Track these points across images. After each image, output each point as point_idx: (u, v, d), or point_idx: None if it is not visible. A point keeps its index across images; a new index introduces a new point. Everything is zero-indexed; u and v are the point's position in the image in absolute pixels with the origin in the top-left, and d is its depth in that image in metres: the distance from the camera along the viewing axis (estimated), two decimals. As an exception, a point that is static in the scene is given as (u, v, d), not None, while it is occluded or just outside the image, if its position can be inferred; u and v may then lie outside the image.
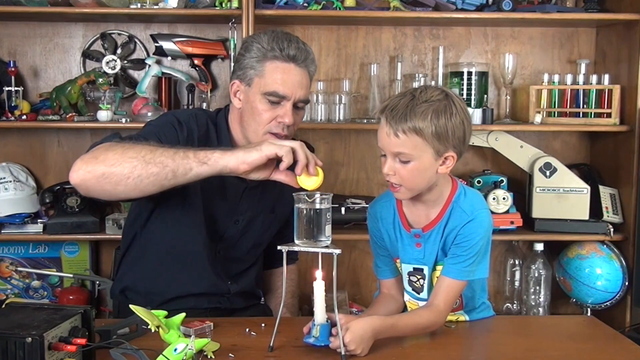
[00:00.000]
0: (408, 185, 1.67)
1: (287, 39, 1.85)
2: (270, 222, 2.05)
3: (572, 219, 2.84)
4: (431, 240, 1.74)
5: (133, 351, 1.44)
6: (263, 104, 1.84)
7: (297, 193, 1.58)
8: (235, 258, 2.02)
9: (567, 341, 1.75)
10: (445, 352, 1.63)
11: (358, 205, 2.80)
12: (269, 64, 1.84)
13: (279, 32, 1.89)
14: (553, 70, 3.03)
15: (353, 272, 3.06)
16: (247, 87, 1.87)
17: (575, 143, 3.13)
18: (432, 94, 1.64)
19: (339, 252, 1.52)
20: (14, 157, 2.98)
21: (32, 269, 2.94)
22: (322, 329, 1.56)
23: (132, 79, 2.99)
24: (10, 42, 2.97)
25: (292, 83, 1.84)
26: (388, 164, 1.66)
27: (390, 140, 1.63)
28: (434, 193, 1.72)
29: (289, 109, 1.84)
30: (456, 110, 1.64)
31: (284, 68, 1.84)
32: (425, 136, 1.61)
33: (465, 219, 1.69)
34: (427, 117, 1.60)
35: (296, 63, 1.84)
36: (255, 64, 1.85)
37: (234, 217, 1.99)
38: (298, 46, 1.85)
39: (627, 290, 2.81)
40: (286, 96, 1.84)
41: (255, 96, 1.85)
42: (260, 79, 1.84)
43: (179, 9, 2.71)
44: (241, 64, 1.89)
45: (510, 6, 2.76)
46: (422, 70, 3.05)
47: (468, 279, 1.72)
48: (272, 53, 1.83)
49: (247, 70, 1.87)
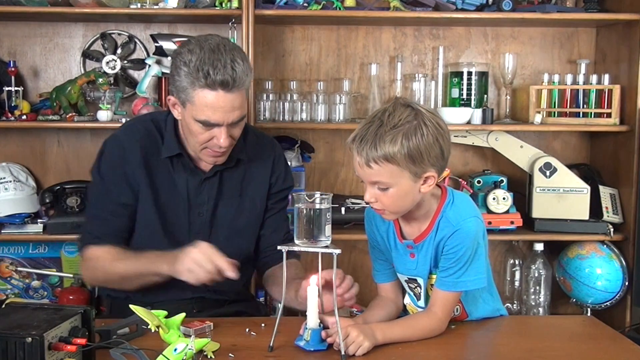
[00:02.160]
0: (391, 210, 1.65)
1: (212, 62, 1.76)
2: (240, 205, 2.03)
3: (572, 219, 2.84)
4: (424, 250, 1.72)
5: (133, 351, 1.43)
6: (197, 126, 1.84)
7: (297, 193, 1.58)
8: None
9: (567, 341, 1.74)
10: (445, 352, 1.63)
11: (358, 205, 2.80)
12: (198, 92, 1.78)
13: (207, 49, 1.77)
14: (553, 70, 3.03)
15: (353, 272, 3.00)
16: (182, 107, 1.87)
17: (575, 143, 3.13)
18: (400, 117, 1.56)
19: (339, 252, 1.52)
20: (14, 157, 2.98)
21: (32, 269, 2.94)
22: (314, 333, 1.57)
23: (132, 79, 2.99)
24: (10, 42, 2.97)
25: (222, 111, 1.80)
26: (368, 191, 1.62)
27: (365, 171, 1.59)
28: (421, 209, 1.69)
29: (223, 133, 1.84)
30: (427, 130, 1.56)
31: (212, 97, 1.78)
32: (399, 162, 1.55)
33: (451, 230, 1.66)
34: (397, 142, 1.54)
35: (225, 90, 1.77)
36: (185, 88, 1.80)
37: (195, 209, 2.00)
38: (225, 70, 1.76)
39: (627, 290, 2.82)
40: (217, 123, 1.82)
41: (189, 119, 1.85)
42: (192, 105, 1.81)
43: (179, 9, 2.71)
44: (174, 83, 1.85)
45: (510, 6, 2.76)
46: (422, 70, 3.05)
47: (460, 289, 1.70)
48: (198, 82, 1.77)
49: (180, 93, 1.83)
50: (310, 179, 3.04)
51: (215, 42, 1.81)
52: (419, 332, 1.66)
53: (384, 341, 1.60)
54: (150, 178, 1.96)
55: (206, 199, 2.00)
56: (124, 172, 1.95)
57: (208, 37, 1.83)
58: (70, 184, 2.88)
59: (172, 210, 1.98)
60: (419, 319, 1.72)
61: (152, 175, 1.96)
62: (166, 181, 1.97)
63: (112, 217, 1.96)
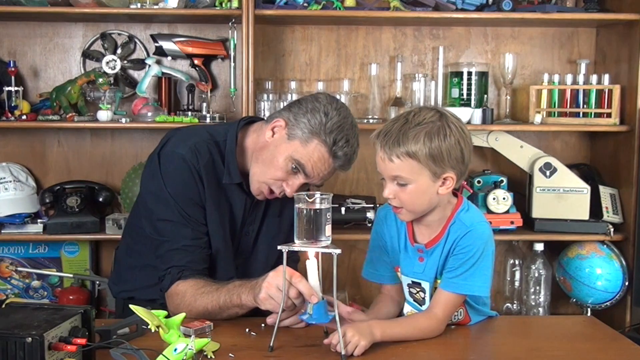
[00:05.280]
0: (409, 208, 1.68)
1: (346, 137, 1.82)
2: (279, 224, 2.05)
3: (572, 219, 2.84)
4: (434, 256, 1.73)
5: (133, 351, 1.44)
6: (285, 163, 1.84)
7: (297, 193, 1.59)
8: (254, 270, 2.00)
9: (567, 341, 1.74)
10: (445, 352, 1.63)
11: (358, 205, 2.80)
12: (317, 142, 1.81)
13: (350, 122, 1.85)
14: (553, 70, 3.03)
15: (353, 272, 3.05)
16: (287, 138, 1.85)
17: (575, 143, 3.13)
18: (425, 116, 1.64)
19: (338, 252, 1.52)
20: (14, 157, 2.98)
21: (32, 269, 2.94)
22: (316, 307, 1.57)
23: (132, 79, 2.99)
24: (10, 42, 2.97)
25: (320, 171, 1.84)
26: (387, 187, 1.67)
27: (386, 165, 1.64)
28: (435, 214, 1.72)
29: (298, 184, 1.85)
30: (450, 131, 1.63)
31: (324, 157, 1.82)
32: (420, 159, 1.61)
33: (464, 230, 1.69)
34: (419, 140, 1.61)
35: (335, 161, 1.84)
36: (306, 131, 1.82)
37: (243, 229, 2.01)
38: (348, 150, 1.83)
39: (627, 290, 2.81)
40: (308, 175, 1.84)
41: (285, 152, 1.84)
42: (301, 145, 1.83)
43: (179, 9, 2.70)
44: (297, 116, 1.85)
45: (510, 6, 2.76)
46: (422, 70, 3.05)
47: (465, 292, 1.71)
48: (325, 138, 1.81)
49: (297, 128, 1.84)
50: (310, 179, 3.04)
51: (355, 122, 1.89)
52: (417, 331, 1.66)
53: (382, 339, 1.60)
54: (215, 202, 1.92)
55: (254, 219, 2.01)
56: (198, 195, 1.90)
57: (350, 112, 1.90)
58: (70, 184, 2.89)
59: (232, 232, 1.98)
60: (418, 318, 1.73)
61: (216, 199, 1.92)
62: (227, 204, 1.95)
63: (195, 242, 1.88)
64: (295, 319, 1.71)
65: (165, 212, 1.88)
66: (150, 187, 1.92)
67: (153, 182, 1.91)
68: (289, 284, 1.61)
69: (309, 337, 1.67)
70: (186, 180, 1.88)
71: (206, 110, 2.83)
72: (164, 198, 1.88)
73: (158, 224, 1.89)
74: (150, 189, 1.92)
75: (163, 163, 1.90)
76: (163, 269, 1.87)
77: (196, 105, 2.90)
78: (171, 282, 1.85)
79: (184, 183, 1.88)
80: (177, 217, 1.87)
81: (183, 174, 1.88)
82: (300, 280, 1.61)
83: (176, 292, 1.84)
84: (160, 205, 1.89)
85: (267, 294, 1.66)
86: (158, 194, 1.89)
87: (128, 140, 3.01)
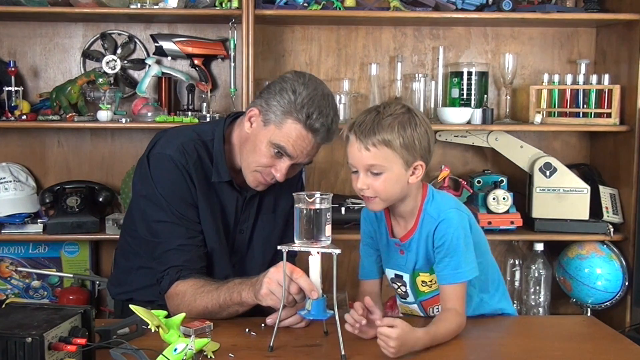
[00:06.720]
0: (383, 196, 1.71)
1: (319, 108, 1.81)
2: (274, 220, 2.05)
3: (572, 219, 2.84)
4: (412, 248, 1.78)
5: (133, 351, 1.44)
6: (267, 149, 1.84)
7: (297, 193, 1.59)
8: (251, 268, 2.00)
9: (567, 341, 1.74)
10: (445, 352, 1.63)
11: (358, 205, 2.80)
12: (291, 121, 1.81)
13: (320, 93, 1.83)
14: (553, 70, 3.03)
15: (353, 272, 3.01)
16: (263, 124, 1.86)
17: (575, 143, 3.13)
18: (395, 108, 1.70)
19: (338, 252, 1.52)
20: (14, 157, 2.98)
21: (32, 269, 2.94)
22: (316, 302, 1.57)
23: (132, 79, 2.99)
24: (10, 42, 2.97)
25: (302, 148, 1.84)
26: (361, 178, 1.70)
27: (362, 155, 1.67)
28: (407, 204, 1.76)
29: (286, 167, 1.85)
30: (419, 121, 1.70)
31: (301, 134, 1.82)
32: (394, 147, 1.66)
33: (434, 223, 1.73)
34: (394, 129, 1.66)
35: (314, 135, 1.82)
36: (278, 113, 1.82)
37: (237, 227, 2.01)
38: (325, 120, 1.82)
39: (627, 290, 2.82)
40: (291, 156, 1.84)
41: (265, 138, 1.84)
42: (277, 129, 1.82)
43: (179, 9, 2.71)
44: (268, 100, 1.85)
45: (510, 6, 2.76)
46: (422, 70, 3.05)
47: (463, 280, 1.72)
48: (298, 115, 1.80)
49: (270, 113, 1.84)
50: (310, 179, 3.04)
51: (327, 91, 1.87)
52: (454, 333, 1.68)
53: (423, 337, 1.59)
54: (206, 201, 1.92)
55: (248, 217, 2.01)
56: (189, 194, 1.90)
57: (321, 82, 1.88)
58: (70, 184, 2.89)
59: (226, 231, 1.98)
60: (444, 320, 1.70)
61: (207, 198, 1.93)
62: (218, 203, 1.95)
63: (190, 241, 1.88)
64: (295, 319, 1.72)
65: (158, 214, 1.88)
66: (141, 190, 1.93)
67: (144, 185, 1.92)
68: (290, 279, 1.62)
69: (309, 337, 1.67)
70: (177, 180, 1.89)
71: (206, 110, 2.83)
72: (156, 200, 1.89)
73: (152, 225, 1.90)
74: (141, 192, 1.93)
75: (152, 165, 1.91)
76: (161, 270, 1.87)
77: (196, 105, 2.90)
78: (170, 283, 1.84)
79: (174, 183, 1.89)
80: (170, 218, 1.88)
81: (173, 174, 1.89)
82: (301, 275, 1.61)
83: (176, 292, 1.84)
84: (153, 207, 1.89)
85: (269, 290, 1.66)
86: (150, 197, 1.90)
87: (128, 140, 3.01)
